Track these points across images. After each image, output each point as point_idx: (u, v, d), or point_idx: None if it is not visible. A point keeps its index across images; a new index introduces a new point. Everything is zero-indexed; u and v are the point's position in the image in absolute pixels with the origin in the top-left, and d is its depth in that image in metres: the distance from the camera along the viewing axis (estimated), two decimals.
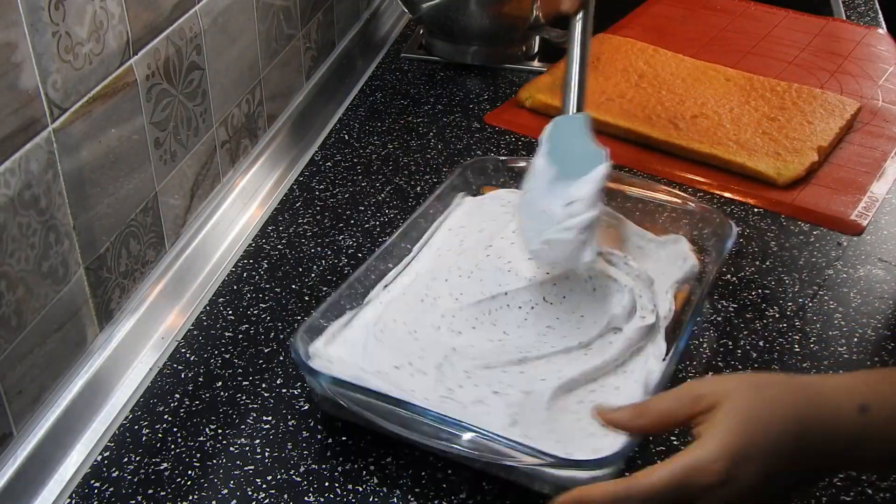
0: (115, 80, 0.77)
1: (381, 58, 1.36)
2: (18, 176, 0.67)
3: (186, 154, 0.91)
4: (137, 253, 0.85)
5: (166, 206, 0.89)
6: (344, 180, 1.08)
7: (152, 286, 0.87)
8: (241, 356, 0.84)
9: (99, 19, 0.74)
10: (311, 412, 0.78)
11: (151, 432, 0.76)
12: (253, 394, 0.80)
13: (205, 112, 0.93)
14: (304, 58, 1.19)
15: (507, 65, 1.34)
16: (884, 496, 0.72)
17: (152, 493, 0.71)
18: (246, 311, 0.89)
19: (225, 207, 0.99)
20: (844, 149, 1.14)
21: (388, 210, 1.03)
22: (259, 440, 0.75)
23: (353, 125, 1.19)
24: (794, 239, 1.00)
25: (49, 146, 0.70)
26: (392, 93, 1.27)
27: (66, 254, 0.74)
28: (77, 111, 0.73)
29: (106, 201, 0.78)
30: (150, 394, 0.80)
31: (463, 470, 0.73)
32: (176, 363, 0.83)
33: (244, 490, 0.71)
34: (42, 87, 0.68)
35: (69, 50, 0.70)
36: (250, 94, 1.04)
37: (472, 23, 1.30)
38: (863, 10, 1.54)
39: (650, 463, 0.60)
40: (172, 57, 0.86)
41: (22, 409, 0.71)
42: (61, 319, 0.75)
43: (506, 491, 0.71)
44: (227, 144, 1.00)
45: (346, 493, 0.71)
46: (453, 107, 1.23)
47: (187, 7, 0.87)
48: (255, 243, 0.98)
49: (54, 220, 0.71)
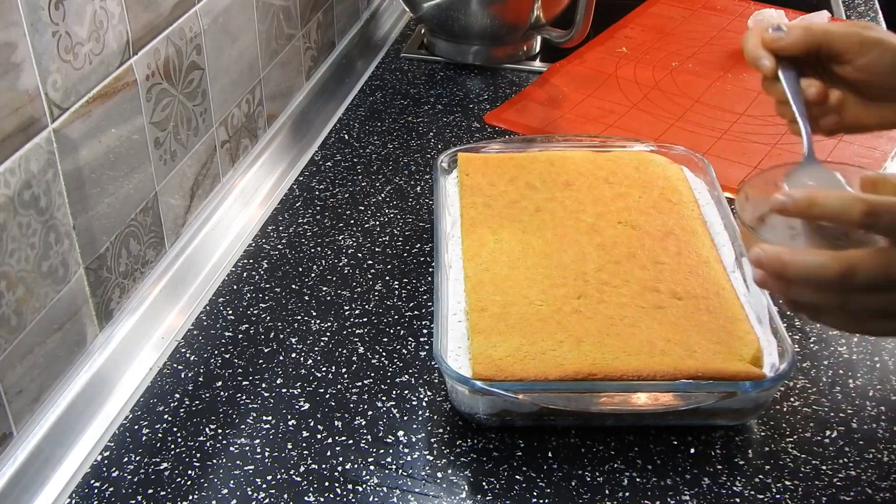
0: (115, 80, 0.77)
1: (381, 58, 1.36)
2: (18, 176, 0.67)
3: (186, 154, 0.91)
4: (137, 253, 0.85)
5: (166, 206, 0.89)
6: (344, 180, 1.08)
7: (152, 286, 0.87)
8: (241, 356, 0.84)
9: (99, 19, 0.74)
10: (311, 412, 0.78)
11: (151, 432, 0.76)
12: (253, 394, 0.80)
13: (205, 112, 0.93)
14: (304, 58, 1.19)
15: (508, 65, 1.34)
16: (884, 496, 0.72)
17: (152, 493, 0.71)
18: (246, 311, 0.89)
19: (225, 207, 0.99)
20: (844, 149, 1.14)
21: (388, 210, 1.03)
22: (259, 440, 0.76)
23: (353, 125, 1.19)
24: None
25: (49, 146, 0.70)
26: (392, 93, 1.27)
27: (66, 254, 0.74)
28: (77, 111, 0.73)
29: (106, 201, 0.78)
30: (150, 394, 0.80)
31: (463, 468, 0.73)
32: (176, 363, 0.83)
33: (244, 490, 0.71)
34: (42, 87, 0.68)
35: (69, 50, 0.70)
36: (250, 94, 1.04)
37: (474, 22, 1.30)
38: (863, 10, 1.54)
39: None
40: (172, 57, 0.86)
41: (22, 409, 0.71)
42: (61, 319, 0.75)
43: (506, 493, 0.72)
44: (227, 144, 1.00)
45: (346, 493, 0.71)
46: (453, 107, 1.23)
47: (187, 7, 0.87)
48: (255, 243, 0.98)
49: (54, 220, 0.71)
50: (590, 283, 0.83)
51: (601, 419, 0.76)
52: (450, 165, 1.00)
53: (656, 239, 0.88)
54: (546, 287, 0.82)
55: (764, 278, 0.64)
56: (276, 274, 0.93)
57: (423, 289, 0.91)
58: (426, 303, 0.89)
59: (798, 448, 0.76)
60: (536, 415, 0.75)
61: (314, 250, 0.97)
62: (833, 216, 0.61)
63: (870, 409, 0.79)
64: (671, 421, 0.77)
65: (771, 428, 0.77)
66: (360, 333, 0.86)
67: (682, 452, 0.75)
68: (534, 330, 0.77)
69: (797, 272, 0.62)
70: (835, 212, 0.61)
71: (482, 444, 0.75)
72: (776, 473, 0.73)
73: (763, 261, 0.63)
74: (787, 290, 0.64)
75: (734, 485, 0.72)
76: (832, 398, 0.80)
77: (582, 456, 0.75)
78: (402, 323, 0.87)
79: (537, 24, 1.32)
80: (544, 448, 0.75)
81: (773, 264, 0.63)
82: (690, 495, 0.71)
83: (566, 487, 0.72)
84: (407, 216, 1.02)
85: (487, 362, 0.74)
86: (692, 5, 1.51)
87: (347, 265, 0.94)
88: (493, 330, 0.77)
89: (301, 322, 0.87)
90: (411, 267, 0.94)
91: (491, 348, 0.75)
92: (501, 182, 0.96)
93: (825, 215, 0.62)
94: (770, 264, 0.63)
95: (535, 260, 0.86)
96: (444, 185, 0.97)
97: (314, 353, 0.84)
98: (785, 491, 0.72)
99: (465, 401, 0.76)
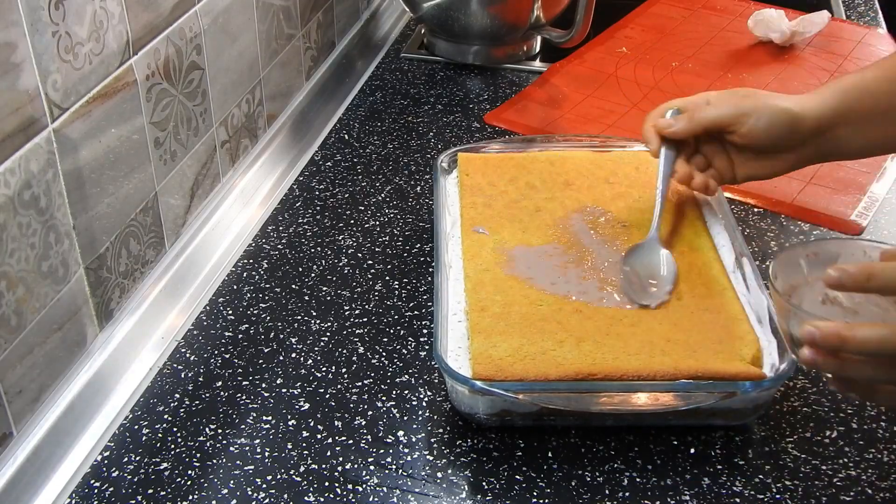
0: (115, 80, 0.77)
1: (381, 58, 1.36)
2: (18, 176, 0.67)
3: (186, 154, 0.91)
4: (137, 253, 0.85)
5: (166, 206, 0.89)
6: (344, 180, 1.08)
7: (152, 286, 0.87)
8: (241, 356, 0.84)
9: (99, 19, 0.74)
10: (310, 412, 0.78)
11: (151, 432, 0.76)
12: (253, 394, 0.80)
13: (205, 112, 0.93)
14: (304, 58, 1.19)
15: (508, 65, 1.34)
16: (884, 496, 0.72)
17: (152, 493, 0.71)
18: (246, 311, 0.89)
19: (225, 207, 0.99)
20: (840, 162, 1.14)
21: (388, 210, 1.03)
22: (259, 440, 0.76)
23: (353, 125, 1.19)
24: (794, 239, 1.00)
25: (49, 146, 0.70)
26: (392, 93, 1.27)
27: (66, 254, 0.74)
28: (77, 111, 0.73)
29: (106, 201, 0.78)
30: (150, 394, 0.80)
31: (463, 468, 0.73)
32: (176, 363, 0.83)
33: (244, 490, 0.71)
34: (42, 87, 0.68)
35: (69, 50, 0.70)
36: (250, 94, 1.04)
37: (474, 22, 1.30)
38: (863, 9, 1.54)
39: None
40: (172, 57, 0.86)
41: (22, 409, 0.71)
42: (61, 319, 0.75)
43: (507, 491, 0.72)
44: (227, 144, 1.00)
45: (346, 493, 0.71)
46: (453, 107, 1.23)
47: (187, 7, 0.87)
48: (255, 243, 0.98)
49: (54, 220, 0.71)
50: (590, 283, 0.83)
51: (601, 419, 0.76)
52: (450, 165, 1.00)
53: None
54: (546, 287, 0.82)
55: (814, 357, 0.64)
56: (276, 274, 0.93)
57: (423, 289, 0.91)
58: (426, 303, 0.89)
59: (798, 448, 0.75)
60: (536, 415, 0.75)
61: (314, 250, 0.97)
62: (894, 287, 0.62)
63: (870, 409, 0.79)
64: (671, 421, 0.77)
65: (771, 428, 0.77)
66: (360, 333, 0.86)
67: (682, 452, 0.75)
68: (534, 330, 0.77)
69: (857, 347, 0.61)
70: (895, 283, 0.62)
71: (482, 444, 0.75)
72: (776, 473, 0.73)
73: (818, 338, 0.63)
74: (842, 367, 0.64)
75: (734, 485, 0.72)
76: (832, 398, 0.80)
77: (582, 456, 0.75)
78: (402, 323, 0.87)
79: (537, 24, 1.32)
80: (544, 448, 0.75)
81: (830, 340, 0.62)
82: (690, 495, 0.71)
83: (566, 487, 0.72)
84: (407, 216, 1.02)
85: (487, 362, 0.74)
86: (692, 5, 1.51)
87: (347, 265, 0.94)
88: (493, 330, 0.77)
89: (301, 322, 0.87)
90: (411, 267, 0.94)
91: (491, 348, 0.75)
92: (501, 182, 0.96)
93: (886, 287, 0.62)
94: (827, 341, 0.62)
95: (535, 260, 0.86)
96: (444, 185, 0.97)
97: (314, 353, 0.84)
98: (785, 491, 0.72)
99: (465, 401, 0.76)
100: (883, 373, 0.62)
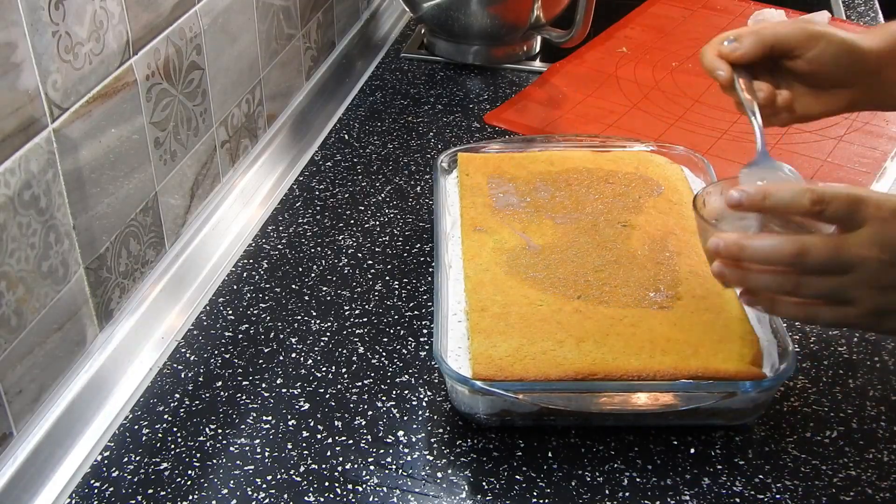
0: (115, 80, 0.77)
1: (381, 58, 1.36)
2: (18, 176, 0.67)
3: (186, 154, 0.91)
4: (137, 253, 0.85)
5: (166, 206, 0.89)
6: (344, 180, 1.08)
7: (152, 286, 0.87)
8: (241, 356, 0.84)
9: (99, 19, 0.74)
10: (311, 412, 0.78)
11: (151, 432, 0.76)
12: (253, 394, 0.80)
13: (205, 112, 0.93)
14: (304, 58, 1.19)
15: (508, 65, 1.34)
16: (884, 496, 0.72)
17: (152, 493, 0.71)
18: (246, 311, 0.89)
19: (225, 207, 0.99)
20: (844, 149, 1.14)
21: (388, 210, 1.03)
22: (259, 440, 0.76)
23: (353, 125, 1.19)
24: None
25: (49, 146, 0.70)
26: (392, 93, 1.27)
27: (66, 254, 0.74)
28: (77, 111, 0.73)
29: (106, 201, 0.78)
30: (150, 394, 0.80)
31: (463, 468, 0.73)
32: (176, 363, 0.83)
33: (244, 490, 0.71)
34: (42, 86, 0.68)
35: (69, 50, 0.70)
36: (250, 94, 1.04)
37: (474, 22, 1.30)
38: (863, 10, 1.54)
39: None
40: (172, 57, 0.86)
41: (22, 409, 0.71)
42: (61, 319, 0.75)
43: (506, 492, 0.72)
44: (227, 144, 1.00)
45: (346, 492, 0.71)
46: (453, 107, 1.23)
47: (187, 7, 0.87)
48: (255, 243, 0.98)
49: (54, 220, 0.71)
50: (590, 283, 0.83)
51: (601, 419, 0.76)
52: (450, 165, 1.00)
53: (656, 239, 0.88)
54: (546, 287, 0.82)
55: (721, 268, 0.68)
56: (276, 274, 0.93)
57: (423, 289, 0.91)
58: (426, 303, 0.89)
59: (798, 448, 0.75)
60: (536, 415, 0.75)
61: (314, 250, 0.97)
62: (784, 206, 0.65)
63: (870, 409, 0.79)
64: (671, 421, 0.77)
65: (771, 428, 0.77)
66: (360, 333, 0.86)
67: (682, 452, 0.75)
68: (534, 330, 0.77)
69: (753, 254, 0.65)
70: (786, 202, 0.65)
71: (482, 444, 0.75)
72: (776, 473, 0.73)
73: (720, 248, 0.67)
74: (744, 277, 0.67)
75: (734, 485, 0.72)
76: (832, 398, 0.80)
77: (582, 456, 0.75)
78: (402, 323, 0.87)
79: (537, 24, 1.32)
80: (544, 448, 0.75)
81: (730, 249, 0.66)
82: (690, 495, 0.71)
83: (566, 487, 0.72)
84: (407, 216, 1.02)
85: (487, 362, 0.74)
86: (692, 5, 1.51)
87: (347, 265, 0.94)
88: (493, 330, 0.77)
89: (301, 322, 0.87)
90: (411, 267, 0.94)
91: (491, 348, 0.75)
92: (501, 182, 0.96)
93: (777, 206, 0.66)
94: (728, 249, 0.66)
95: (535, 260, 0.86)
96: (444, 185, 0.97)
97: (314, 353, 0.84)
98: (785, 491, 0.72)
99: (465, 401, 0.76)
100: (781, 283, 0.66)
